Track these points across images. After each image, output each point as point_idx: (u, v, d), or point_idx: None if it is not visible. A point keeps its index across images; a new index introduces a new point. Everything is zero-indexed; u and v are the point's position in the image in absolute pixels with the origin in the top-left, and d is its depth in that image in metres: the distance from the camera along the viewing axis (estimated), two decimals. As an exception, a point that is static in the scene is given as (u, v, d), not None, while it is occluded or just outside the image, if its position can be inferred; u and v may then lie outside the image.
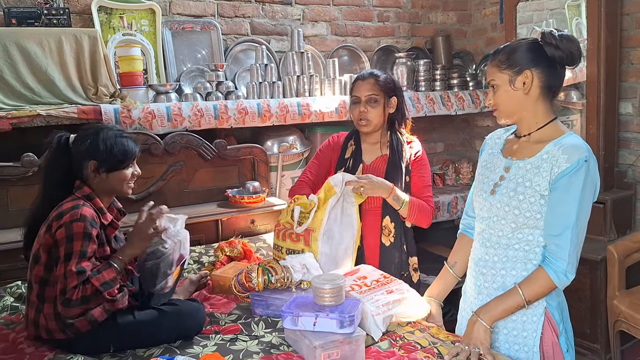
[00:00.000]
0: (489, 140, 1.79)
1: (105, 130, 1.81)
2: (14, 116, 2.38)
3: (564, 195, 1.49)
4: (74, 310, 1.59)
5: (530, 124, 1.60)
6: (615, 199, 3.07)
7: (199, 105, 2.82)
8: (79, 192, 1.76)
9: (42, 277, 1.67)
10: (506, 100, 1.59)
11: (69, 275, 1.59)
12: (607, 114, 3.12)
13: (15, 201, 2.50)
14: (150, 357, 1.60)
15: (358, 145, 2.36)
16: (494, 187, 1.63)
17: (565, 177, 1.49)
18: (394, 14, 3.96)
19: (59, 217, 1.66)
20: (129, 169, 1.84)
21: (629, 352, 2.89)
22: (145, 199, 2.78)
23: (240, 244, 2.44)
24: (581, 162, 1.48)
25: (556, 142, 1.54)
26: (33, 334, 1.71)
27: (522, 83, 1.55)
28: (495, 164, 1.68)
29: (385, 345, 1.63)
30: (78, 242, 1.62)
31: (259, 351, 1.62)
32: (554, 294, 1.59)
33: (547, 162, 1.53)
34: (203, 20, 3.25)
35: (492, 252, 1.64)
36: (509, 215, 1.57)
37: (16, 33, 2.50)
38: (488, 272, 1.65)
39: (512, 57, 1.56)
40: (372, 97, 2.26)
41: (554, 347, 1.59)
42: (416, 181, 2.30)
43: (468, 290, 1.77)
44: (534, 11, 3.57)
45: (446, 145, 4.38)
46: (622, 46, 3.19)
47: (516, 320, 1.60)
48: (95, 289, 1.61)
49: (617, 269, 2.63)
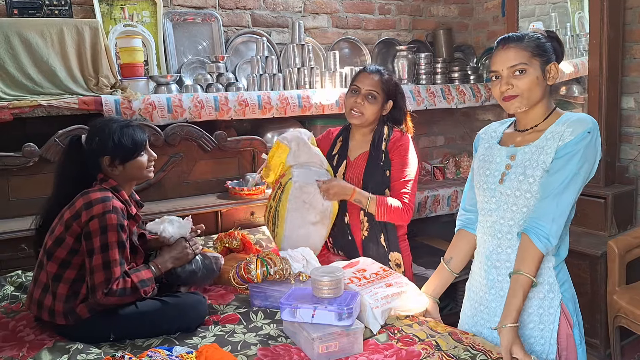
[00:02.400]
0: (483, 134, 1.78)
1: (110, 124, 1.82)
2: (15, 106, 2.38)
3: (562, 163, 1.50)
4: (111, 299, 1.65)
5: (538, 116, 1.60)
6: (617, 194, 3.06)
7: (200, 97, 2.82)
8: (105, 184, 1.79)
9: (63, 258, 1.70)
10: (534, 88, 1.56)
11: (113, 265, 1.65)
12: (608, 109, 3.11)
13: (16, 191, 2.50)
14: (149, 347, 1.61)
15: (346, 141, 2.37)
16: (502, 176, 1.62)
17: (568, 148, 1.49)
18: (395, 7, 3.95)
19: (88, 206, 1.68)
20: (144, 156, 1.87)
21: (629, 348, 2.89)
22: (145, 190, 2.79)
23: (240, 236, 2.44)
24: (584, 134, 1.49)
25: (558, 121, 1.56)
26: (35, 314, 1.74)
27: (549, 73, 1.56)
28: (495, 154, 1.66)
29: (383, 338, 1.64)
30: (113, 232, 1.67)
31: (256, 342, 1.63)
32: (567, 285, 1.60)
33: (551, 140, 1.53)
34: (204, 11, 3.24)
35: (505, 243, 1.62)
36: (520, 200, 1.57)
37: (18, 23, 2.50)
38: (502, 265, 1.63)
39: (541, 46, 1.56)
40: (372, 92, 2.25)
41: (568, 339, 1.59)
42: (394, 175, 2.24)
43: (475, 285, 1.75)
44: (536, 4, 3.55)
45: (446, 138, 4.37)
46: (625, 40, 3.17)
47: (532, 314, 1.59)
48: (134, 284, 1.68)
49: (618, 264, 2.63)
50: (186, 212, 2.68)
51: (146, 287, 1.72)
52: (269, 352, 1.57)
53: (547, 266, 1.58)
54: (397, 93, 2.32)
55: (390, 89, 2.29)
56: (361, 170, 2.28)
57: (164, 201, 2.83)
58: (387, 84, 2.28)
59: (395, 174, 2.25)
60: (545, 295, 1.59)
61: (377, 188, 2.24)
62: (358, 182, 2.28)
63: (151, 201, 2.80)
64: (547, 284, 1.59)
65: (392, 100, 2.30)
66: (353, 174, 2.31)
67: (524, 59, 1.55)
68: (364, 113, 2.25)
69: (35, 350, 1.61)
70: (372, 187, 2.24)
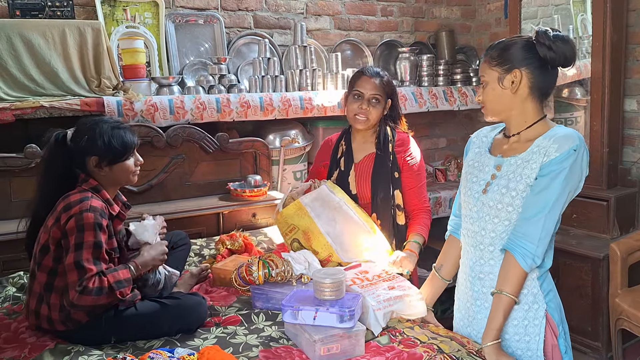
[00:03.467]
0: (474, 138, 1.76)
1: (101, 124, 1.79)
2: (17, 107, 2.39)
3: (548, 182, 1.47)
4: (87, 299, 1.58)
5: (519, 123, 1.58)
6: (619, 197, 3.05)
7: (202, 98, 2.82)
8: (85, 184, 1.76)
9: (51, 267, 1.68)
10: (493, 98, 1.57)
11: (87, 264, 1.59)
12: (611, 111, 3.10)
13: (18, 192, 2.50)
14: (151, 348, 1.61)
15: (349, 144, 2.36)
16: (486, 186, 1.60)
17: (552, 165, 1.47)
18: (397, 9, 3.95)
19: (67, 208, 1.66)
20: (131, 160, 1.84)
21: (630, 351, 2.89)
22: (147, 191, 2.79)
23: (241, 237, 2.44)
24: (570, 152, 1.46)
25: (546, 135, 1.52)
26: (34, 323, 1.72)
27: (511, 82, 1.53)
28: (484, 162, 1.65)
29: (384, 340, 1.63)
30: (89, 232, 1.63)
31: (258, 344, 1.63)
32: (552, 295, 1.58)
33: (537, 154, 1.51)
34: (206, 13, 3.24)
35: (487, 255, 1.61)
36: (502, 212, 1.55)
37: (20, 24, 2.50)
38: (486, 277, 1.62)
39: (503, 55, 1.53)
40: (376, 96, 2.24)
41: (553, 349, 1.57)
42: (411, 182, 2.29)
43: (462, 296, 1.74)
44: (539, 6, 3.55)
45: (448, 140, 4.36)
46: (628, 42, 3.17)
47: (518, 325, 1.58)
48: (110, 284, 1.62)
49: (620, 267, 2.62)
50: (188, 213, 2.68)
51: (122, 289, 1.63)
52: (271, 354, 1.57)
53: (531, 277, 1.56)
54: (394, 91, 2.33)
55: (389, 88, 2.29)
56: (369, 172, 2.28)
57: (165, 202, 2.83)
58: (387, 85, 2.28)
59: (411, 182, 2.29)
60: (530, 306, 1.56)
61: (385, 189, 2.25)
62: (367, 184, 2.28)
63: (153, 202, 2.80)
64: (531, 295, 1.56)
65: (390, 100, 2.31)
66: (361, 177, 2.30)
67: (483, 71, 1.58)
68: (369, 118, 2.25)
69: (37, 351, 1.61)
70: (381, 189, 2.25)
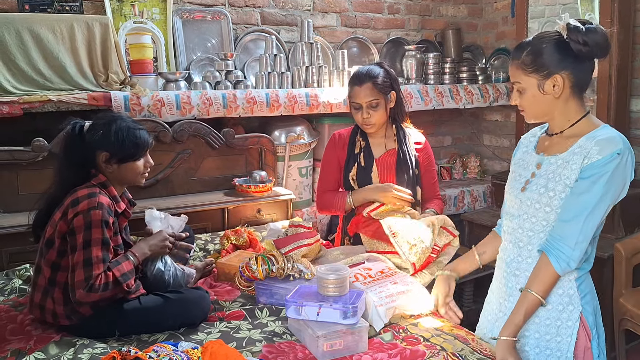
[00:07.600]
0: (523, 139, 1.74)
1: (118, 121, 1.80)
2: (25, 101, 2.40)
3: (589, 185, 1.43)
4: (93, 296, 1.61)
5: (562, 123, 1.54)
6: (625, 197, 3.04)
7: (208, 94, 2.83)
8: (94, 179, 1.77)
9: (54, 261, 1.69)
10: (535, 104, 1.53)
11: (95, 262, 1.61)
12: (617, 111, 3.09)
13: (26, 185, 2.52)
14: (155, 342, 1.62)
15: (366, 140, 2.35)
16: (525, 184, 1.59)
17: (594, 169, 1.42)
18: (404, 6, 3.94)
19: (74, 203, 1.67)
20: (141, 161, 1.84)
21: (634, 352, 2.88)
22: (153, 186, 2.80)
23: (246, 233, 2.46)
24: (614, 155, 1.41)
25: (589, 135, 1.47)
26: (38, 317, 1.73)
27: (552, 86, 1.48)
28: (528, 161, 1.63)
29: (388, 337, 1.64)
30: (97, 229, 1.64)
31: (261, 339, 1.64)
32: (589, 297, 1.56)
33: (578, 155, 1.47)
34: (214, 9, 3.24)
35: (525, 253, 1.59)
36: (540, 212, 1.53)
37: (29, 19, 2.52)
38: (522, 274, 1.60)
39: (538, 60, 1.48)
40: (372, 102, 2.22)
41: (585, 352, 1.54)
42: (429, 178, 2.39)
43: (496, 291, 1.72)
44: (546, 5, 3.53)
45: (454, 138, 4.36)
46: (635, 42, 3.15)
47: (550, 325, 1.55)
48: (115, 278, 1.64)
49: (624, 267, 2.61)
50: (193, 208, 2.69)
51: (128, 280, 1.68)
52: (274, 349, 1.58)
53: (568, 278, 1.53)
54: (393, 81, 2.29)
55: (386, 85, 2.25)
56: (392, 168, 2.30)
57: (171, 197, 2.84)
58: (382, 84, 2.23)
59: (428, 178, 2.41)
60: (564, 307, 1.54)
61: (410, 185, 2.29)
62: (391, 180, 2.29)
63: (158, 197, 2.82)
64: (567, 296, 1.54)
65: (393, 91, 2.29)
66: (383, 172, 2.31)
67: (518, 77, 1.53)
68: (375, 123, 2.26)
69: (43, 343, 1.62)
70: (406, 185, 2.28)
